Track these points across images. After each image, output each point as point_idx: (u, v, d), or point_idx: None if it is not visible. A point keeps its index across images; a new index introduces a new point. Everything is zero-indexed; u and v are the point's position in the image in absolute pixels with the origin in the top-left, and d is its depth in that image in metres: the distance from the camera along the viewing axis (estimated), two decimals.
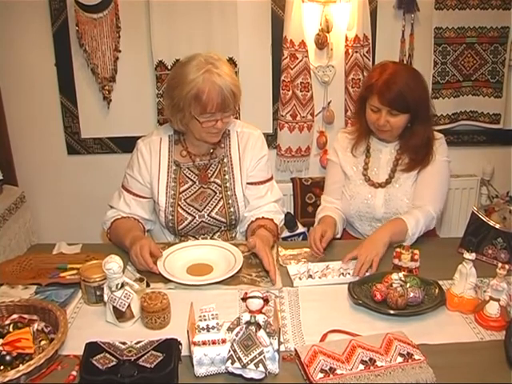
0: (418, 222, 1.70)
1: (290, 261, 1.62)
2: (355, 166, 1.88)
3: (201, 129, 1.64)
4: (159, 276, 1.49)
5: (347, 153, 1.89)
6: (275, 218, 1.78)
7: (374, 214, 1.83)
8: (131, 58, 2.43)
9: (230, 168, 1.79)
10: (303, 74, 2.47)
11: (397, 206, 1.81)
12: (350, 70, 2.49)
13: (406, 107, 1.69)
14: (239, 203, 1.78)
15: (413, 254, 1.52)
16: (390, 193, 1.82)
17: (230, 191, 1.78)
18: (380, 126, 1.74)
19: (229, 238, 1.83)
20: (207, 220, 1.77)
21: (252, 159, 1.80)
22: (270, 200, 1.82)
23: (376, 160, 1.86)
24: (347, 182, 1.89)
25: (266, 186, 1.83)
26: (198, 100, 1.58)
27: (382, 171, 1.85)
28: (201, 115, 1.61)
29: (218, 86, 1.56)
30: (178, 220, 1.74)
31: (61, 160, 2.59)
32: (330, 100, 2.58)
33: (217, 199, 1.77)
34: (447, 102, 2.60)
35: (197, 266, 1.57)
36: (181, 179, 1.76)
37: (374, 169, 1.86)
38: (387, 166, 1.84)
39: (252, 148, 1.80)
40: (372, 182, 1.84)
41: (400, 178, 1.82)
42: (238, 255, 1.59)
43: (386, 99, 1.68)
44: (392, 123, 1.73)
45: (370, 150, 1.87)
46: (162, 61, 2.41)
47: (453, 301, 1.36)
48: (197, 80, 1.56)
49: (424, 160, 1.78)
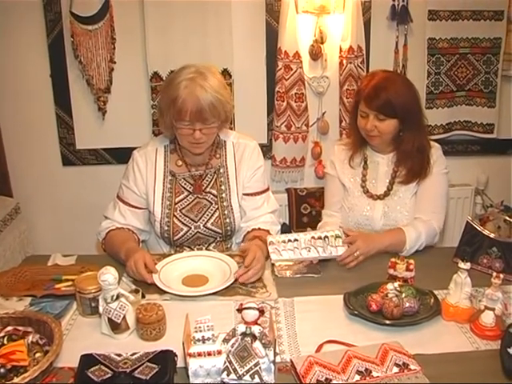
0: (419, 236, 1.71)
1: (285, 271, 1.62)
2: (353, 177, 1.88)
3: (181, 137, 1.65)
4: (154, 287, 1.48)
5: (345, 165, 1.90)
6: (271, 229, 1.78)
7: (372, 226, 1.84)
8: (126, 69, 2.44)
9: (226, 178, 1.79)
10: (298, 85, 2.48)
11: (396, 218, 1.81)
12: (344, 81, 2.50)
13: (392, 112, 1.70)
14: (235, 214, 1.79)
15: (408, 263, 1.52)
16: (389, 205, 1.82)
17: (226, 202, 1.78)
18: (368, 130, 1.76)
19: (224, 248, 1.83)
20: (203, 231, 1.77)
21: (248, 170, 1.81)
22: (266, 211, 1.82)
23: (374, 172, 1.87)
24: (346, 194, 1.89)
25: (262, 196, 1.84)
26: (173, 104, 1.59)
27: (381, 183, 1.85)
28: (177, 121, 1.61)
29: (195, 96, 1.57)
30: (174, 231, 1.74)
31: (56, 171, 2.59)
32: (325, 111, 2.60)
33: (212, 210, 1.77)
34: (441, 112, 2.62)
35: (192, 277, 1.57)
36: (176, 189, 1.76)
37: (372, 181, 1.86)
38: (385, 177, 1.85)
39: (248, 159, 1.81)
40: (370, 194, 1.85)
41: (399, 190, 1.82)
42: (234, 266, 1.58)
43: (372, 103, 1.71)
44: (380, 128, 1.74)
45: (368, 161, 1.88)
46: (156, 72, 2.42)
47: (448, 310, 1.36)
48: (178, 86, 1.58)
49: (422, 171, 1.79)
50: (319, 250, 1.59)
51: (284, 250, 1.59)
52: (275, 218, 1.86)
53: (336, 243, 1.61)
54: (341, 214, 1.91)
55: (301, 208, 2.61)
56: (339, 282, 1.56)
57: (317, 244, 1.60)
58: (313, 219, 2.48)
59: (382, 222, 1.82)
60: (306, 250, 1.58)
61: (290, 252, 1.58)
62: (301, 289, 1.52)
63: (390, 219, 1.82)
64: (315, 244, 1.60)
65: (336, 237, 1.63)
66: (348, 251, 1.59)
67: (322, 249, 1.59)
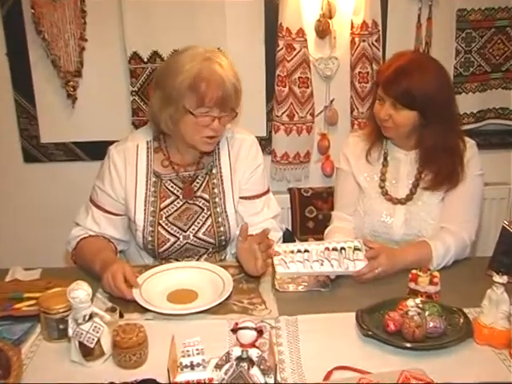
0: (448, 251, 1.72)
1: (287, 285, 1.63)
2: (370, 176, 1.90)
3: (194, 129, 1.65)
4: (135, 305, 1.49)
5: (360, 160, 1.91)
6: (272, 236, 1.72)
7: (391, 234, 1.85)
8: (100, 48, 2.44)
9: (219, 180, 1.80)
10: (302, 68, 2.49)
11: (419, 227, 1.82)
12: (356, 63, 2.51)
13: (411, 102, 1.70)
14: (230, 221, 1.80)
15: (432, 276, 1.53)
16: (412, 211, 1.83)
17: (220, 207, 1.79)
18: (381, 118, 1.77)
19: (217, 260, 1.85)
20: (193, 241, 1.78)
21: (245, 170, 1.82)
22: (266, 216, 1.84)
23: (394, 170, 1.88)
24: (361, 196, 1.91)
25: (261, 200, 1.85)
26: (194, 89, 1.59)
27: (402, 185, 1.86)
28: (197, 108, 1.62)
29: (219, 76, 1.59)
30: (159, 242, 1.76)
31: (16, 169, 2.59)
32: (333, 98, 2.61)
33: (204, 217, 1.78)
34: (472, 98, 2.62)
35: (179, 293, 1.58)
36: (162, 193, 1.77)
37: (392, 181, 1.88)
38: (408, 178, 1.86)
39: (245, 157, 1.82)
40: (390, 197, 1.86)
41: (423, 194, 1.83)
42: (228, 279, 1.59)
43: (390, 89, 1.71)
44: (395, 119, 1.75)
45: (388, 157, 1.90)
46: (136, 52, 2.43)
47: (482, 332, 1.35)
48: (195, 67, 1.59)
49: (452, 178, 1.79)
50: (334, 263, 1.58)
51: (292, 262, 1.59)
52: (276, 224, 1.87)
53: (354, 256, 1.61)
54: (354, 218, 1.92)
55: (305, 211, 2.61)
56: (351, 297, 1.56)
57: (331, 256, 1.60)
58: (319, 224, 2.48)
59: (403, 230, 1.84)
60: (319, 262, 1.58)
61: (299, 264, 1.58)
62: (306, 305, 1.53)
63: (412, 228, 1.83)
64: (329, 256, 1.60)
65: (355, 249, 1.63)
66: (368, 267, 1.60)
67: (338, 262, 1.59)
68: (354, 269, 1.59)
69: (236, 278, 1.65)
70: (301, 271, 1.58)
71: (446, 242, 1.72)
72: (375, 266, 1.61)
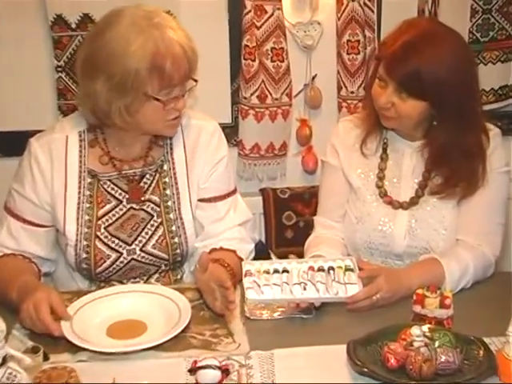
0: (465, 272, 1.72)
1: (260, 311, 1.63)
2: (365, 172, 1.91)
3: (159, 116, 1.66)
4: (65, 343, 1.46)
5: (353, 152, 1.92)
6: (240, 250, 1.80)
7: (391, 247, 1.86)
8: (12, 11, 2.41)
9: (172, 179, 1.81)
10: (275, 36, 2.49)
11: (427, 237, 1.83)
12: (344, 28, 2.53)
13: (419, 90, 1.69)
14: (187, 230, 1.81)
15: (443, 297, 1.52)
16: (418, 217, 1.84)
17: (174, 213, 1.80)
18: (381, 106, 1.76)
19: (172, 281, 1.84)
20: (140, 257, 1.79)
21: (205, 164, 1.83)
22: (233, 223, 1.85)
23: (396, 166, 1.89)
24: (353, 198, 1.91)
25: (226, 202, 1.86)
26: (157, 71, 1.59)
27: (406, 184, 1.87)
28: (161, 91, 1.62)
29: (178, 46, 1.60)
30: (97, 259, 1.75)
31: None
32: (315, 73, 2.62)
33: (154, 225, 1.79)
34: (491, 70, 2.64)
35: (123, 325, 1.57)
36: (100, 198, 1.77)
37: (392, 179, 1.89)
38: (413, 176, 1.87)
39: (204, 148, 1.83)
40: (390, 200, 1.87)
41: (433, 197, 1.84)
42: (184, 306, 1.59)
43: (395, 70, 1.70)
44: (398, 108, 1.73)
45: (388, 149, 1.90)
46: (61, 16, 2.41)
47: (508, 368, 1.34)
48: (148, 44, 1.58)
49: (469, 184, 1.79)
50: (320, 287, 1.58)
51: (267, 286, 1.59)
52: (246, 233, 1.88)
53: (346, 279, 1.62)
54: (343, 225, 1.93)
55: (282, 217, 2.62)
56: (340, 325, 1.56)
57: (316, 278, 1.60)
58: (300, 234, 2.46)
59: (407, 241, 1.84)
60: (301, 286, 1.58)
61: (275, 289, 1.58)
62: (284, 337, 1.53)
63: (418, 239, 1.83)
64: (313, 278, 1.60)
65: (346, 269, 1.64)
66: (365, 292, 1.59)
67: (325, 286, 1.59)
68: (345, 294, 1.59)
69: (195, 305, 1.63)
70: (278, 297, 1.58)
71: (462, 260, 1.73)
72: (373, 290, 1.60)
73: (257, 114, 2.57)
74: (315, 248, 1.87)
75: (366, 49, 2.54)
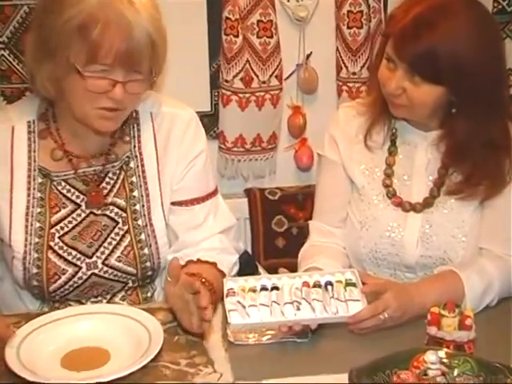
0: (489, 287, 1.72)
1: (246, 335, 1.62)
2: (370, 169, 1.92)
3: (84, 97, 1.63)
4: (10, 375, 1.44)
5: (356, 145, 1.93)
6: (221, 262, 1.80)
7: (401, 257, 1.87)
8: None
9: (140, 178, 1.82)
10: (262, 7, 2.50)
11: (444, 246, 1.84)
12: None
13: (435, 74, 1.69)
14: (159, 239, 1.82)
15: (463, 316, 1.52)
16: (433, 222, 1.85)
17: (143, 219, 1.81)
18: (390, 92, 1.76)
19: (141, 300, 1.85)
20: (102, 272, 1.78)
21: (180, 160, 1.84)
22: (213, 230, 1.86)
23: (407, 161, 1.90)
24: (356, 199, 1.93)
25: (205, 205, 1.87)
26: (84, 34, 1.56)
27: (419, 182, 1.89)
28: (87, 65, 1.59)
29: (124, 20, 1.56)
30: (50, 275, 1.74)
31: None
32: (310, 51, 2.63)
33: (119, 234, 1.79)
34: None
35: (80, 353, 1.55)
36: (53, 201, 1.76)
37: (403, 176, 1.90)
38: (426, 173, 1.89)
39: (179, 141, 1.83)
40: (399, 201, 1.88)
41: (451, 198, 1.85)
42: (156, 329, 1.58)
43: (405, 49, 1.70)
44: (410, 94, 1.74)
45: (397, 141, 1.91)
46: None
47: None
48: (89, 2, 1.56)
49: (494, 183, 1.80)
50: (316, 306, 1.57)
51: (253, 307, 1.58)
52: (228, 243, 1.89)
53: (347, 295, 1.61)
54: (344, 231, 1.95)
55: (272, 223, 2.62)
56: (341, 350, 1.57)
57: (312, 296, 1.59)
58: (294, 242, 2.46)
59: (419, 250, 1.86)
60: (293, 306, 1.57)
61: (264, 310, 1.57)
62: (275, 364, 1.53)
63: (434, 247, 1.85)
64: (309, 296, 1.59)
65: (347, 284, 1.63)
66: (370, 310, 1.57)
67: (322, 305, 1.58)
68: (346, 313, 1.58)
69: (169, 328, 1.63)
70: (266, 321, 1.57)
71: (486, 273, 1.73)
72: (379, 308, 1.59)
73: (241, 101, 2.57)
74: (311, 259, 1.87)
75: (370, 21, 2.55)
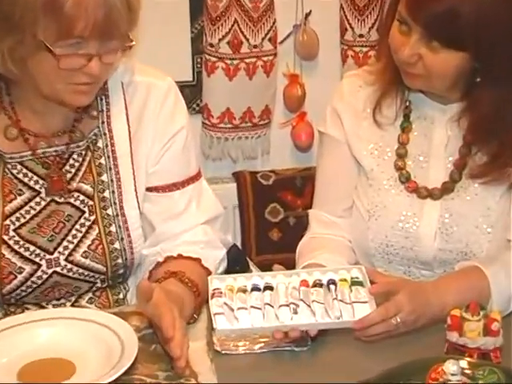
0: None
1: (235, 343, 1.62)
2: (380, 148, 1.94)
3: (56, 75, 1.64)
4: None
5: (363, 120, 1.95)
6: (206, 257, 1.81)
7: (416, 251, 1.90)
8: None
9: (110, 160, 1.84)
10: None
11: (466, 238, 1.86)
12: None
13: (456, 38, 1.70)
14: (132, 231, 1.84)
15: (488, 320, 1.52)
16: (453, 210, 1.88)
17: (113, 208, 1.83)
18: (403, 60, 1.76)
19: (112, 303, 1.87)
20: (66, 270, 1.79)
21: (156, 138, 1.85)
22: (196, 221, 1.87)
23: (423, 138, 1.92)
24: (363, 183, 1.96)
25: (186, 192, 1.89)
26: (54, 8, 1.55)
27: (437, 164, 1.91)
28: (58, 41, 1.59)
29: None
30: (3, 274, 1.76)
31: None
32: (310, 10, 2.65)
33: (85, 226, 1.81)
34: None
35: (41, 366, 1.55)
36: (7, 188, 1.77)
37: (418, 157, 1.92)
38: (446, 153, 1.90)
39: (155, 115, 1.85)
40: (414, 186, 1.90)
41: (474, 181, 1.87)
42: (129, 337, 1.57)
43: (421, 11, 1.70)
44: (427, 62, 1.74)
45: (412, 116, 1.93)
46: None
47: None
48: None
49: None
50: (316, 309, 1.57)
51: (243, 309, 1.58)
52: (214, 235, 1.90)
53: (352, 296, 1.61)
54: (350, 222, 1.98)
55: (265, 212, 2.65)
56: (346, 360, 1.57)
57: (312, 297, 1.59)
58: (291, 235, 2.50)
59: (438, 244, 1.88)
60: (290, 309, 1.57)
61: (255, 314, 1.57)
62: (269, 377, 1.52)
63: (455, 240, 1.87)
64: (307, 297, 1.59)
65: (353, 283, 1.63)
66: (379, 314, 1.57)
67: (323, 308, 1.58)
68: (351, 317, 1.58)
69: (144, 335, 1.62)
70: (258, 326, 1.57)
71: None
72: (390, 312, 1.58)
73: (228, 68, 2.58)
74: (311, 254, 1.88)
75: None
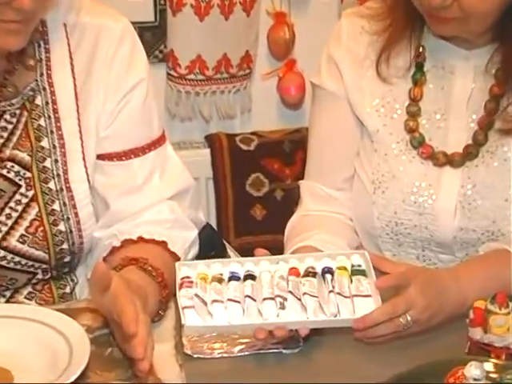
0: None
1: (210, 345, 1.63)
2: (387, 104, 1.97)
3: None
4: None
5: (366, 70, 1.98)
6: (172, 240, 1.83)
7: (433, 231, 1.93)
8: None
9: (51, 121, 1.84)
10: None
11: (493, 215, 1.89)
12: None
13: None
14: (80, 210, 1.86)
15: None
16: (478, 180, 1.91)
17: (56, 180, 1.84)
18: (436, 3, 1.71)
19: (57, 298, 1.89)
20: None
21: (109, 94, 1.87)
22: (159, 196, 1.89)
23: (440, 92, 1.94)
24: (367, 148, 2.00)
25: (147, 159, 1.91)
26: None
27: (458, 123, 1.93)
28: None
29: None
30: None
31: None
32: None
33: (21, 204, 1.82)
34: None
35: None
36: None
37: (434, 115, 1.94)
38: (469, 109, 1.93)
39: (108, 65, 1.86)
40: (430, 151, 1.92)
41: (503, 143, 1.90)
42: (78, 340, 1.56)
43: None
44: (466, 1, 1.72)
45: (427, 64, 1.95)
46: None
47: None
48: None
49: None
50: (309, 303, 1.57)
51: (218, 303, 1.58)
52: (183, 213, 1.91)
53: (353, 289, 1.61)
54: (351, 195, 2.01)
55: (246, 184, 2.65)
56: (344, 365, 1.58)
57: (302, 289, 1.59)
58: (278, 212, 2.57)
59: (458, 221, 1.91)
60: (276, 302, 1.57)
61: (233, 308, 1.58)
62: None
63: (479, 217, 1.90)
64: (297, 289, 1.59)
65: (354, 272, 1.63)
66: (386, 311, 1.57)
67: (317, 302, 1.58)
68: (351, 315, 1.58)
69: (97, 336, 1.63)
70: (237, 323, 1.57)
71: None
72: (399, 308, 1.58)
73: (199, 6, 2.62)
74: (303, 236, 1.90)
75: None
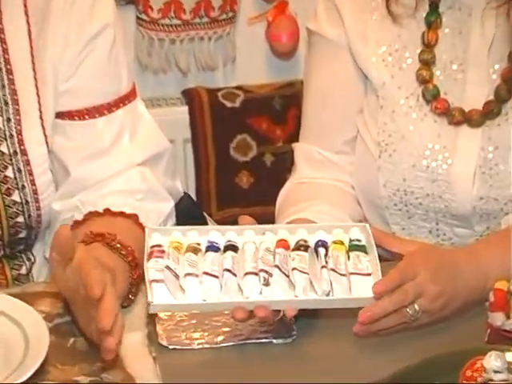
0: None
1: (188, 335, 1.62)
2: (395, 52, 1.98)
3: None
4: None
5: (370, 13, 1.99)
6: (145, 213, 1.84)
7: (449, 200, 1.95)
8: None
9: (2, 72, 1.86)
10: None
11: None
12: None
13: None
14: (37, 177, 1.88)
15: None
16: (500, 142, 1.92)
17: (8, 142, 1.87)
18: None
19: (10, 280, 1.93)
20: None
21: (69, 41, 1.87)
22: (129, 161, 1.91)
23: (457, 38, 1.95)
24: (371, 105, 2.02)
25: (114, 118, 1.92)
26: None
27: (477, 74, 1.94)
28: None
29: None
30: None
31: None
32: None
33: None
34: None
35: None
36: None
37: (449, 65, 1.96)
38: (490, 59, 1.93)
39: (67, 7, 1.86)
40: (445, 107, 1.92)
41: None
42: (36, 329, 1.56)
43: None
44: None
45: (441, 5, 1.94)
46: None
47: None
48: None
49: None
50: (298, 280, 1.57)
51: (192, 277, 1.57)
52: (157, 181, 1.93)
53: (351, 266, 1.60)
54: (353, 160, 2.04)
55: (230, 148, 2.66)
56: (342, 357, 1.59)
57: (291, 264, 1.58)
58: (267, 179, 2.59)
59: (477, 190, 1.93)
60: (260, 278, 1.57)
61: (210, 283, 1.56)
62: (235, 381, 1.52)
63: (501, 185, 1.92)
64: (286, 264, 1.58)
65: (352, 247, 1.64)
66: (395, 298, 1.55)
67: (307, 279, 1.57)
68: (346, 293, 1.58)
69: (58, 325, 1.63)
70: (212, 301, 1.56)
71: None
72: (406, 297, 1.56)
73: None
74: (297, 206, 1.92)
75: None
